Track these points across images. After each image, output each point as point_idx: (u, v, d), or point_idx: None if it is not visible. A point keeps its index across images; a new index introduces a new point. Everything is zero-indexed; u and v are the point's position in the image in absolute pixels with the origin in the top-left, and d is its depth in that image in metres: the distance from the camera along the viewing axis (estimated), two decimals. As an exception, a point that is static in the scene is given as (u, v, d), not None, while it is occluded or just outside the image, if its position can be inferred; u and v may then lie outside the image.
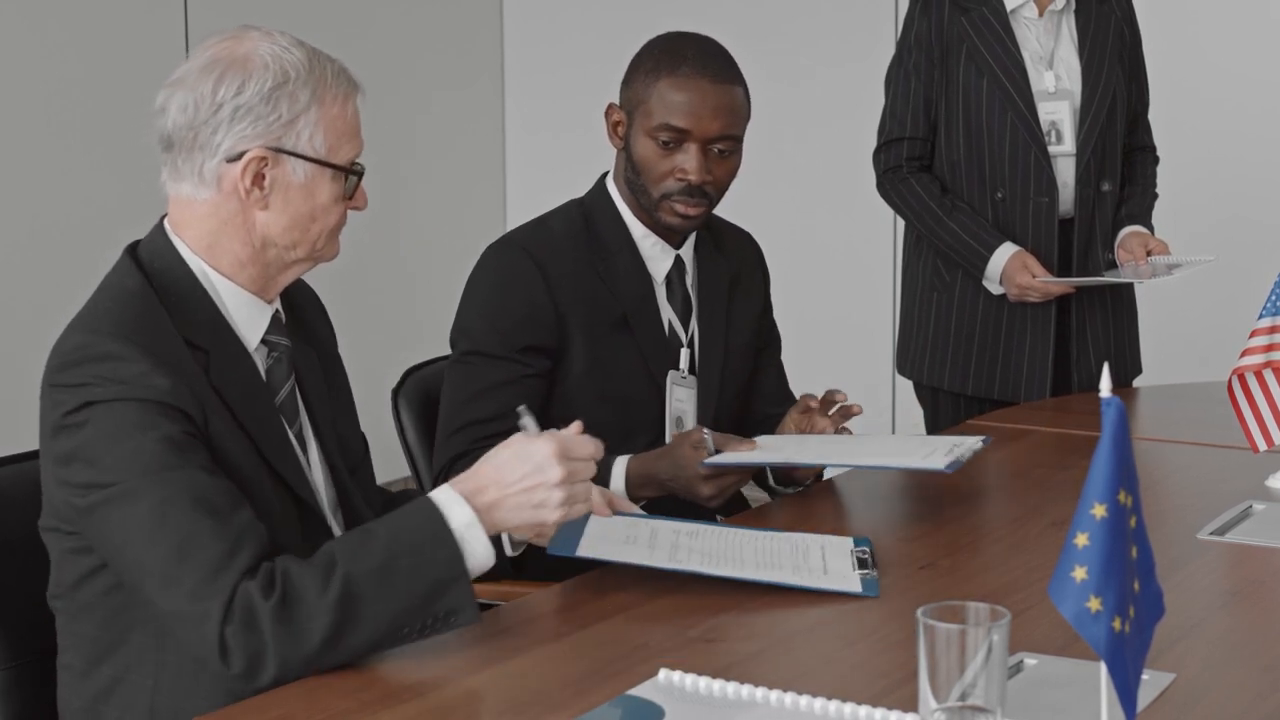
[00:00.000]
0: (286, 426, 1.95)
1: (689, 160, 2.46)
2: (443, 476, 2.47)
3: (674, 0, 5.39)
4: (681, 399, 2.56)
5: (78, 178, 4.65)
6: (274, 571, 1.72)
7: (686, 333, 2.60)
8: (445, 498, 1.79)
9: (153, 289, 1.86)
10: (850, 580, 2.03)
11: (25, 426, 3.93)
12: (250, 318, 1.93)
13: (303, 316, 2.09)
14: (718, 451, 2.33)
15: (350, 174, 1.92)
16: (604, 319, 2.51)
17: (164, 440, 1.75)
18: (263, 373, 1.94)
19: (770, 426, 2.64)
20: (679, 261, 2.59)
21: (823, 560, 2.11)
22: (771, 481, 2.61)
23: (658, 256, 2.57)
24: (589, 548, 2.03)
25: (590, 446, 1.85)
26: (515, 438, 1.84)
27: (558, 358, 2.49)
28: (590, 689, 1.70)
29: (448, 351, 2.73)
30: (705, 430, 2.36)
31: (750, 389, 2.73)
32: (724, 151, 2.49)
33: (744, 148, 2.55)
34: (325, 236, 1.93)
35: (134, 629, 1.83)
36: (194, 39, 4.89)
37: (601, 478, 2.38)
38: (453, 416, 2.49)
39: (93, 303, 1.89)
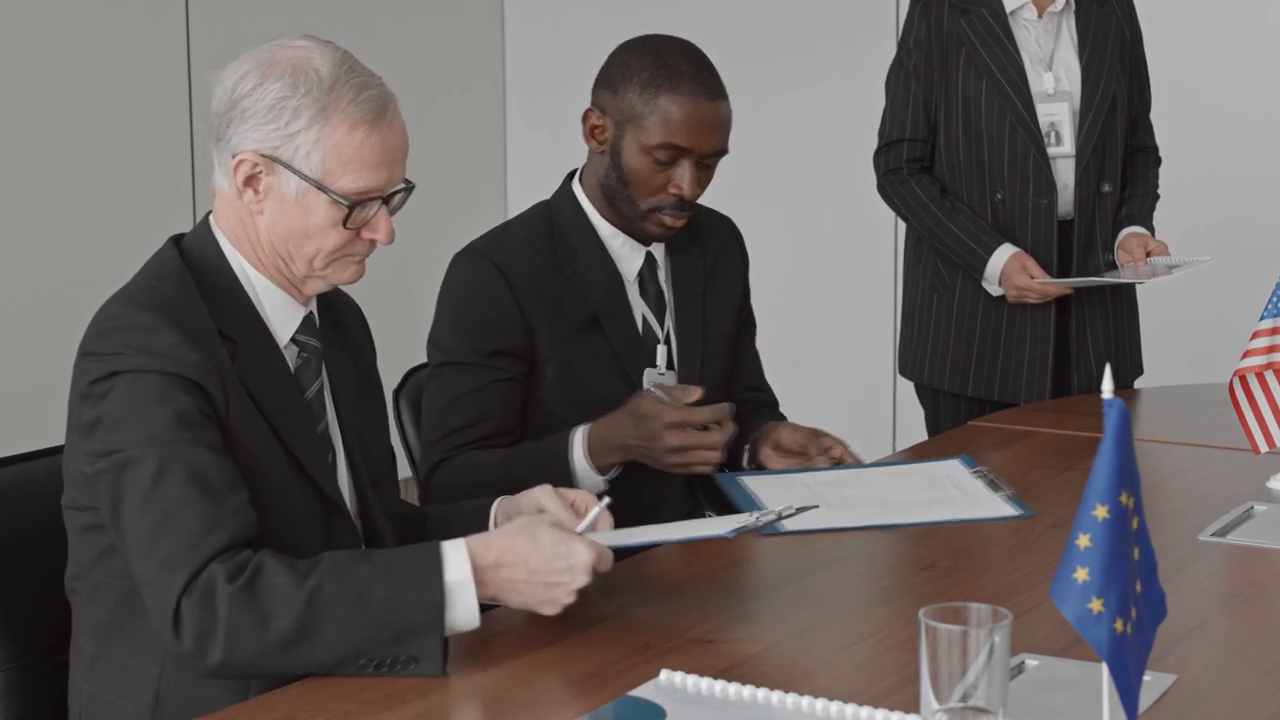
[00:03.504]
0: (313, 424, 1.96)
1: (684, 176, 2.46)
2: (425, 485, 2.49)
3: (674, 2, 5.39)
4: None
5: (78, 178, 4.64)
6: (248, 561, 1.73)
7: (662, 329, 2.58)
8: (453, 550, 1.77)
9: (192, 276, 1.89)
10: (1001, 505, 2.38)
11: (22, 430, 3.93)
12: (283, 315, 1.94)
13: (343, 324, 2.09)
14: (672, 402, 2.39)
15: (347, 205, 1.87)
16: (573, 320, 2.50)
17: (177, 414, 1.77)
18: (292, 370, 1.95)
19: (741, 411, 2.66)
20: (650, 258, 2.58)
21: (960, 490, 2.44)
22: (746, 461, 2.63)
23: (628, 255, 2.56)
24: (792, 522, 2.13)
25: (610, 560, 1.84)
26: (549, 528, 1.80)
27: (530, 361, 2.49)
28: (591, 689, 1.70)
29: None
30: (654, 387, 2.39)
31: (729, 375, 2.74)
32: (711, 165, 2.50)
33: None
34: (323, 257, 1.91)
35: (142, 613, 1.83)
36: (194, 39, 4.89)
37: (559, 449, 2.41)
38: (432, 427, 2.51)
39: (132, 281, 1.91)
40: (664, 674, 1.70)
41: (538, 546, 1.79)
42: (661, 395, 2.38)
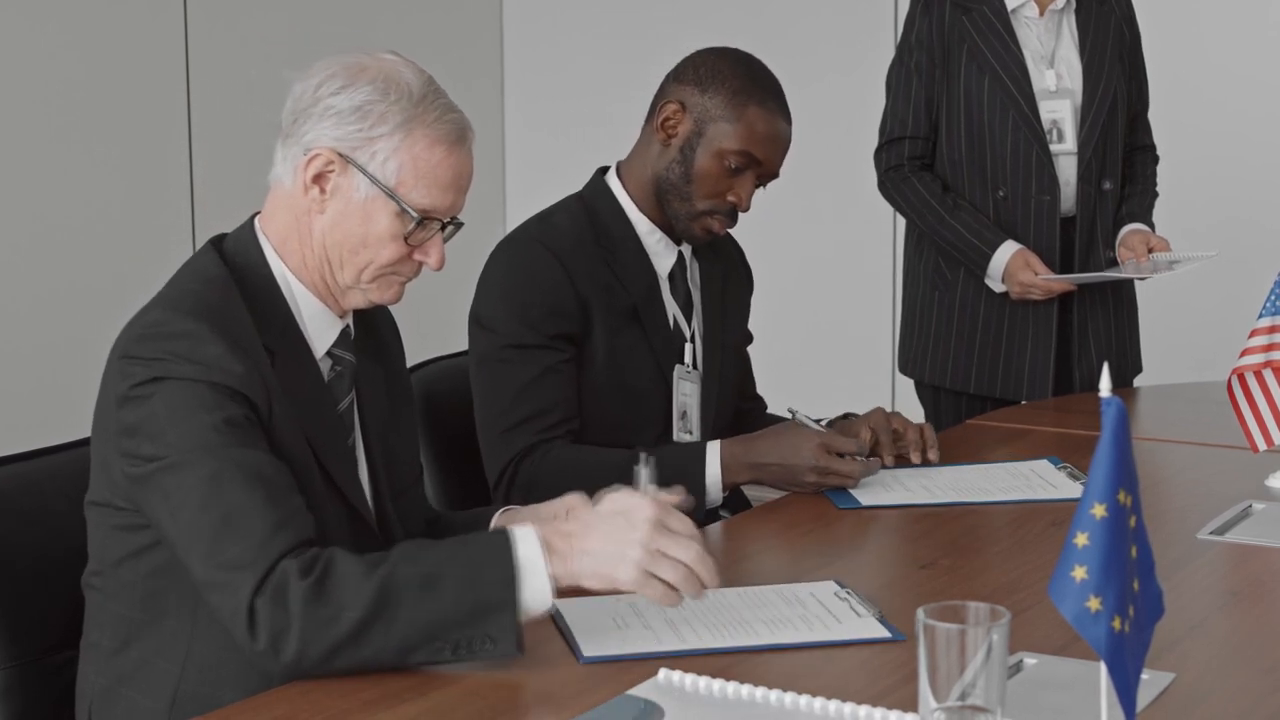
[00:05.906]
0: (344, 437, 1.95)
1: (745, 188, 2.52)
2: (508, 476, 2.46)
3: (674, 4, 5.39)
4: (686, 393, 2.59)
5: (77, 178, 4.64)
6: (319, 556, 1.72)
7: (689, 328, 2.62)
8: (521, 530, 1.76)
9: (234, 281, 1.88)
10: (1079, 490, 2.32)
11: (22, 429, 3.92)
12: (320, 327, 1.94)
13: (376, 329, 2.09)
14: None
15: (415, 218, 1.88)
16: (618, 310, 2.53)
17: (227, 420, 1.77)
18: (325, 382, 1.94)
19: (743, 419, 2.70)
20: (680, 258, 2.61)
21: (1043, 479, 2.49)
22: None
23: (662, 252, 2.59)
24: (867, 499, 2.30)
25: (689, 527, 1.79)
26: (618, 494, 1.81)
27: (580, 347, 2.50)
28: (590, 689, 1.70)
29: (447, 350, 2.72)
30: (800, 413, 2.50)
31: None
32: (763, 186, 2.57)
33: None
34: (373, 270, 1.91)
35: (169, 613, 1.84)
36: (194, 39, 4.89)
37: (693, 463, 2.43)
38: (503, 414, 2.47)
39: (174, 284, 1.90)
40: (663, 673, 1.70)
41: (597, 509, 1.80)
42: (809, 422, 2.48)
